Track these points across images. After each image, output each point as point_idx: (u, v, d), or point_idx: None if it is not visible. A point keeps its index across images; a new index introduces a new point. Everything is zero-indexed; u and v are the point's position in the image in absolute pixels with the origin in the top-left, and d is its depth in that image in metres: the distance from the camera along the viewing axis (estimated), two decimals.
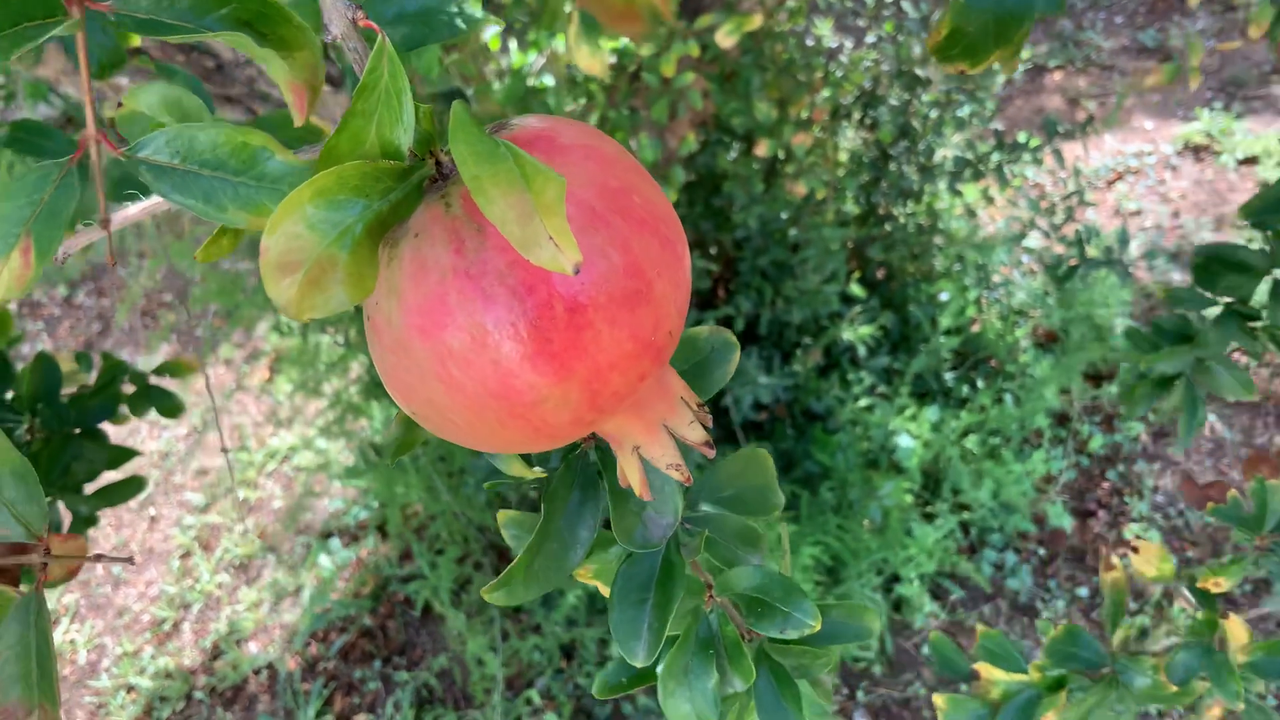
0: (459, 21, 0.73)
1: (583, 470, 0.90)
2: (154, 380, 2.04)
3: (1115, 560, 1.62)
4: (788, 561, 1.10)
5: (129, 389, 1.99)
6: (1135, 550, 1.59)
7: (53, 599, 4.59)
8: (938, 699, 1.59)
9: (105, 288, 6.10)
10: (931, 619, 3.98)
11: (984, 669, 1.60)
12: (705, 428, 0.77)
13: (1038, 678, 1.57)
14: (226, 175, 0.61)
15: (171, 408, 2.02)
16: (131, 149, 0.63)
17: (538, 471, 0.91)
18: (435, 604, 4.17)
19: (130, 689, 4.25)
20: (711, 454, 0.77)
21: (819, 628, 0.95)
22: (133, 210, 0.71)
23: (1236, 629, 1.51)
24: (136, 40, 1.04)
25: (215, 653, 4.33)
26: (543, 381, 0.62)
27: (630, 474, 0.76)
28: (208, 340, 5.62)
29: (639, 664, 0.90)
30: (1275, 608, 1.63)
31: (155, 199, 0.71)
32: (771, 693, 1.02)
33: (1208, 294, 1.77)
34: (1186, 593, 1.59)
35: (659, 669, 0.98)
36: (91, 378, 1.93)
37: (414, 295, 0.63)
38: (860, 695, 3.82)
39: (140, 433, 5.26)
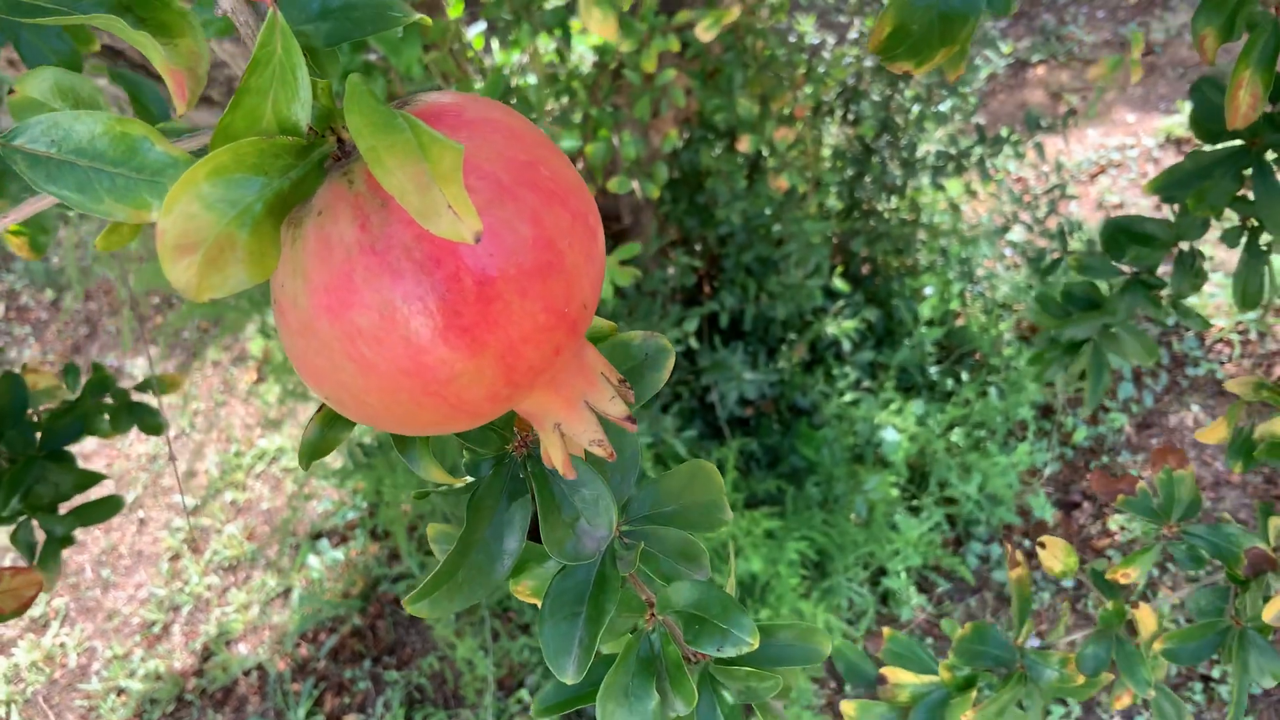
0: (391, 12, 0.71)
1: (512, 479, 0.88)
2: (136, 397, 2.03)
3: (1020, 557, 1.62)
4: (732, 580, 1.08)
5: (110, 404, 1.98)
6: (1043, 546, 1.60)
7: (42, 603, 4.59)
8: (846, 706, 1.57)
9: (93, 292, 6.08)
10: (919, 611, 4.00)
11: (891, 672, 1.59)
12: (627, 403, 0.76)
13: (947, 678, 1.56)
14: (104, 166, 0.59)
15: (153, 424, 2.01)
16: (7, 136, 0.61)
17: (457, 479, 0.89)
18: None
19: (120, 691, 4.25)
20: (633, 428, 0.76)
21: (756, 645, 0.92)
22: (19, 209, 0.69)
23: (1146, 618, 1.53)
24: (96, 45, 1.04)
25: (205, 654, 4.33)
26: (455, 356, 0.61)
27: (553, 452, 0.75)
28: (195, 343, 5.62)
29: (569, 681, 0.87)
30: (1185, 593, 1.65)
31: (30, 201, 0.68)
32: (714, 717, 1.00)
33: (1116, 264, 1.83)
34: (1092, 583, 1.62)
35: (599, 689, 0.95)
36: (77, 393, 1.92)
37: (320, 274, 0.62)
38: (848, 689, 3.83)
39: (129, 435, 5.26)
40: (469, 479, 0.90)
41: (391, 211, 0.60)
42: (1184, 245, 1.80)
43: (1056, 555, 1.58)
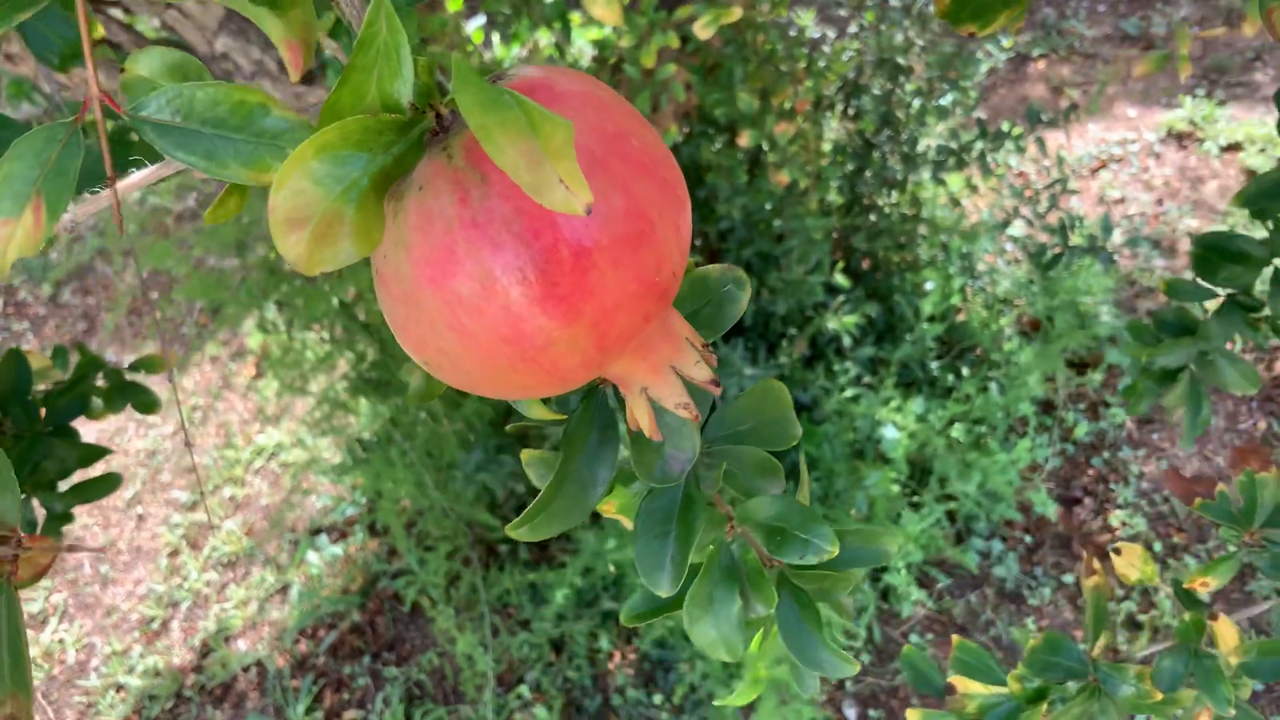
0: None
1: (601, 411, 0.92)
2: (130, 376, 2.04)
3: (1096, 564, 1.55)
4: (805, 490, 1.12)
5: (103, 385, 1.98)
6: (1118, 552, 1.55)
7: (41, 599, 4.58)
8: (912, 715, 1.55)
9: (91, 286, 6.07)
10: (919, 607, 3.99)
11: (960, 682, 1.56)
12: (711, 367, 0.78)
13: (1017, 689, 1.52)
14: (227, 132, 0.62)
15: (147, 403, 2.01)
16: (134, 108, 0.64)
17: (558, 414, 0.93)
18: (424, 600, 4.18)
19: (119, 688, 4.24)
20: (718, 391, 0.79)
21: (837, 553, 0.96)
22: (138, 176, 0.72)
23: (1226, 630, 1.47)
24: (100, 32, 1.03)
25: (204, 650, 4.32)
26: (552, 324, 0.64)
27: (639, 415, 0.78)
28: (194, 338, 5.61)
29: (664, 594, 0.92)
30: (1265, 607, 1.56)
31: (158, 166, 0.71)
32: (794, 616, 1.05)
33: (1208, 285, 1.71)
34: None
35: (685, 598, 1.00)
36: (67, 374, 1.92)
37: (422, 246, 0.64)
38: (848, 684, 3.83)
39: (127, 431, 5.25)
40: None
41: (491, 185, 0.62)
42: (1278, 262, 1.67)
43: (1133, 563, 1.53)
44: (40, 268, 6.12)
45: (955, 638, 1.61)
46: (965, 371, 4.24)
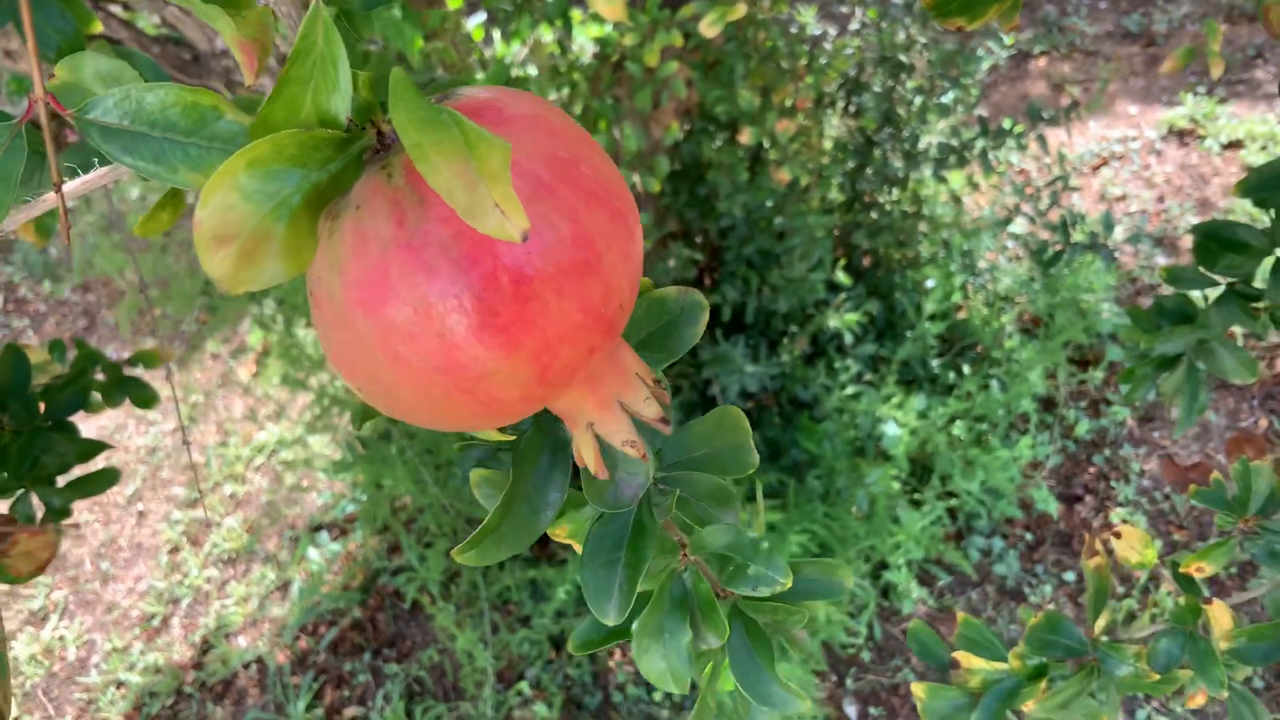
0: None
1: (552, 432, 0.90)
2: (128, 371, 2.03)
3: (1099, 545, 1.57)
4: (761, 520, 1.12)
5: (101, 380, 1.98)
6: (1118, 535, 1.56)
7: (41, 595, 4.58)
8: (916, 689, 1.56)
9: (91, 284, 6.07)
10: (920, 605, 3.99)
11: (964, 658, 1.57)
12: (662, 404, 0.76)
13: (1018, 666, 1.54)
14: (176, 136, 0.60)
15: (145, 397, 2.01)
16: (81, 110, 0.62)
17: (507, 435, 0.91)
18: (424, 597, 4.18)
19: (120, 684, 4.24)
20: (668, 430, 0.76)
21: (790, 585, 0.95)
22: (86, 179, 0.70)
23: (1220, 614, 1.47)
24: (98, 27, 1.02)
25: (205, 647, 4.32)
26: (490, 355, 0.61)
27: (585, 452, 0.76)
28: (194, 335, 5.60)
29: (610, 622, 0.90)
30: (1260, 592, 1.57)
31: (105, 169, 0.69)
32: (745, 649, 1.04)
33: (1208, 274, 1.71)
34: (1170, 577, 1.56)
35: (634, 627, 0.99)
36: (65, 368, 1.92)
37: (355, 269, 0.61)
38: (849, 682, 3.83)
39: (127, 428, 5.25)
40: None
41: (429, 208, 0.60)
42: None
43: (1134, 546, 1.53)
44: (41, 264, 6.11)
45: (961, 614, 1.63)
46: (966, 369, 4.24)
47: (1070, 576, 4.01)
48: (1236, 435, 1.55)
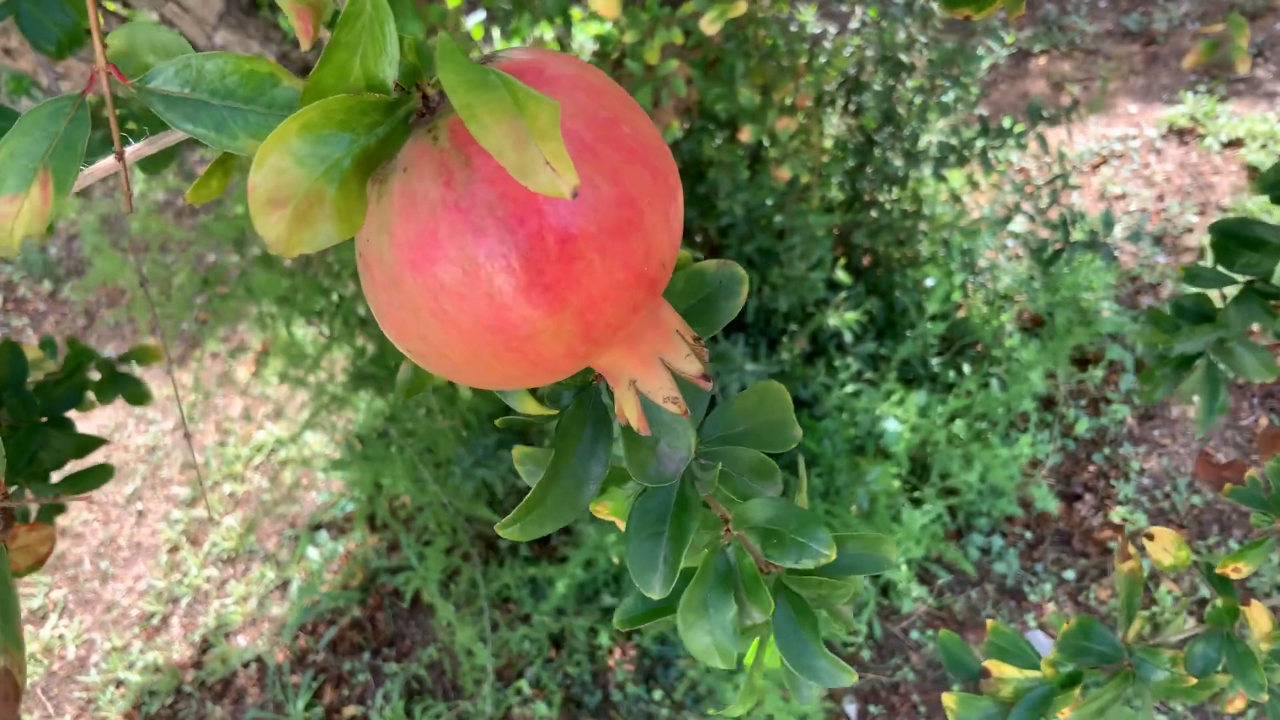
0: None
1: (595, 407, 0.91)
2: (122, 368, 2.03)
3: (1132, 550, 1.52)
4: (804, 494, 1.10)
5: (95, 378, 1.97)
6: (1150, 538, 1.50)
7: (41, 595, 4.58)
8: (948, 699, 1.53)
9: (91, 283, 6.06)
10: (919, 604, 3.99)
11: (995, 666, 1.55)
12: (702, 361, 0.77)
13: (1051, 674, 1.51)
14: (236, 103, 0.61)
15: (138, 394, 2.01)
16: (142, 80, 0.63)
17: (550, 410, 0.91)
18: (424, 595, 4.17)
19: (119, 684, 4.24)
20: (709, 386, 0.77)
21: (834, 557, 0.95)
22: (144, 144, 0.71)
23: (1259, 616, 1.44)
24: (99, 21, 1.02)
25: (204, 646, 4.32)
26: (537, 313, 0.62)
27: (627, 409, 0.77)
28: (194, 334, 5.60)
29: (655, 596, 0.91)
30: None
31: (162, 135, 0.70)
32: (790, 623, 1.03)
33: (1226, 272, 1.70)
34: (1204, 579, 1.51)
35: (679, 603, 0.98)
36: (57, 365, 1.92)
37: (404, 230, 0.63)
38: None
39: (127, 427, 5.24)
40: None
41: (475, 169, 0.61)
42: None
43: (1166, 548, 1.49)
44: (41, 264, 6.11)
45: (991, 622, 1.61)
46: (966, 368, 4.23)
47: (1070, 575, 4.01)
48: (1268, 431, 1.52)
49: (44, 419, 1.72)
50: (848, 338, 3.95)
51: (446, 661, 4.09)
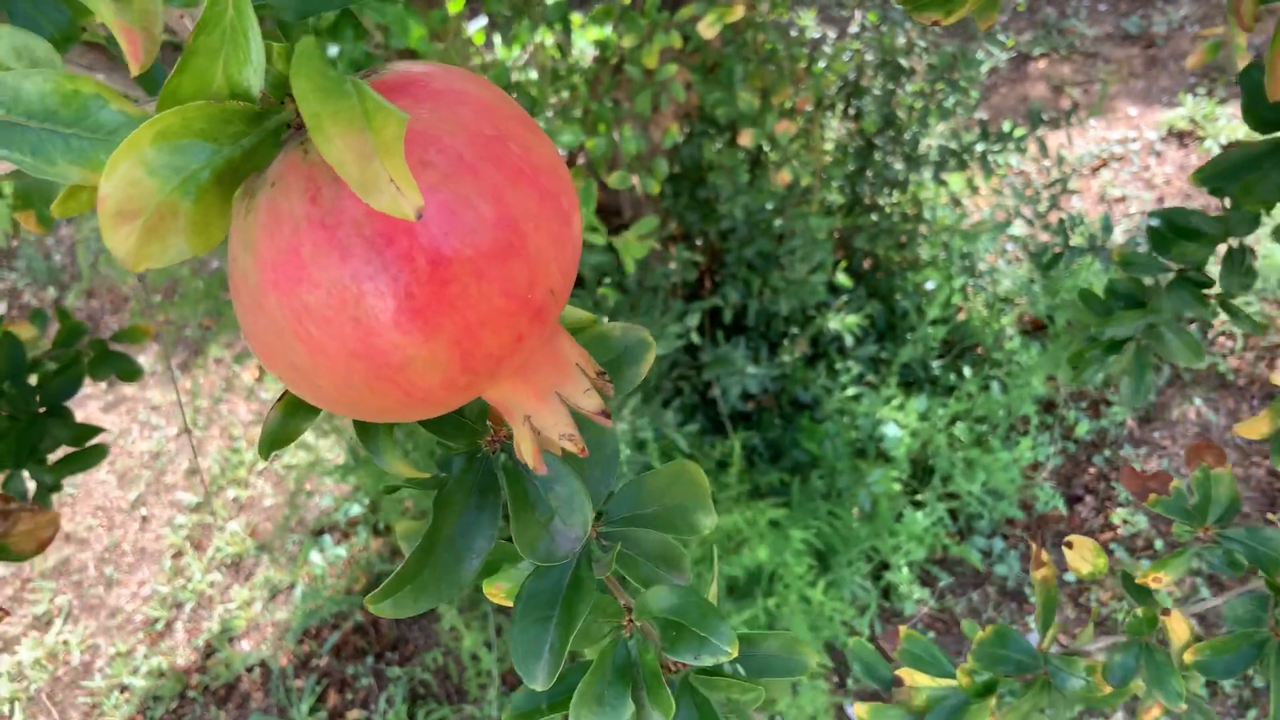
0: None
1: (483, 475, 0.84)
2: (113, 347, 2.05)
3: (1045, 556, 1.51)
4: (714, 587, 1.03)
5: (88, 356, 2.00)
6: (1069, 545, 1.48)
7: (45, 600, 4.59)
8: (858, 709, 1.50)
9: (95, 289, 6.09)
10: (921, 606, 3.99)
11: (907, 675, 1.51)
12: (605, 396, 0.73)
13: (966, 683, 1.47)
14: (57, 127, 0.56)
15: (129, 371, 2.01)
16: None
17: (423, 474, 0.85)
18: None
19: (124, 689, 4.25)
20: (608, 423, 0.73)
21: (734, 654, 0.88)
22: None
23: (1178, 626, 1.42)
24: (96, 17, 1.02)
25: (208, 651, 4.33)
26: (407, 340, 0.58)
27: (523, 445, 0.72)
28: (198, 340, 5.62)
29: (538, 687, 0.84)
30: (1216, 602, 1.54)
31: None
32: None
33: (1162, 259, 1.74)
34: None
35: (573, 696, 0.91)
36: (47, 340, 1.94)
37: (269, 249, 0.59)
38: (850, 683, 3.84)
39: (131, 433, 5.26)
40: (439, 474, 0.86)
41: (344, 184, 0.57)
42: (1233, 241, 1.69)
43: (1085, 556, 1.48)
44: (45, 270, 6.14)
45: (903, 629, 1.57)
46: (967, 371, 4.25)
47: (1071, 577, 4.02)
48: (1196, 443, 1.51)
49: (44, 409, 1.73)
50: (848, 341, 3.96)
51: (451, 665, 4.10)
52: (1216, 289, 1.75)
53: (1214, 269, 1.77)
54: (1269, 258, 4.61)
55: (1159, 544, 4.01)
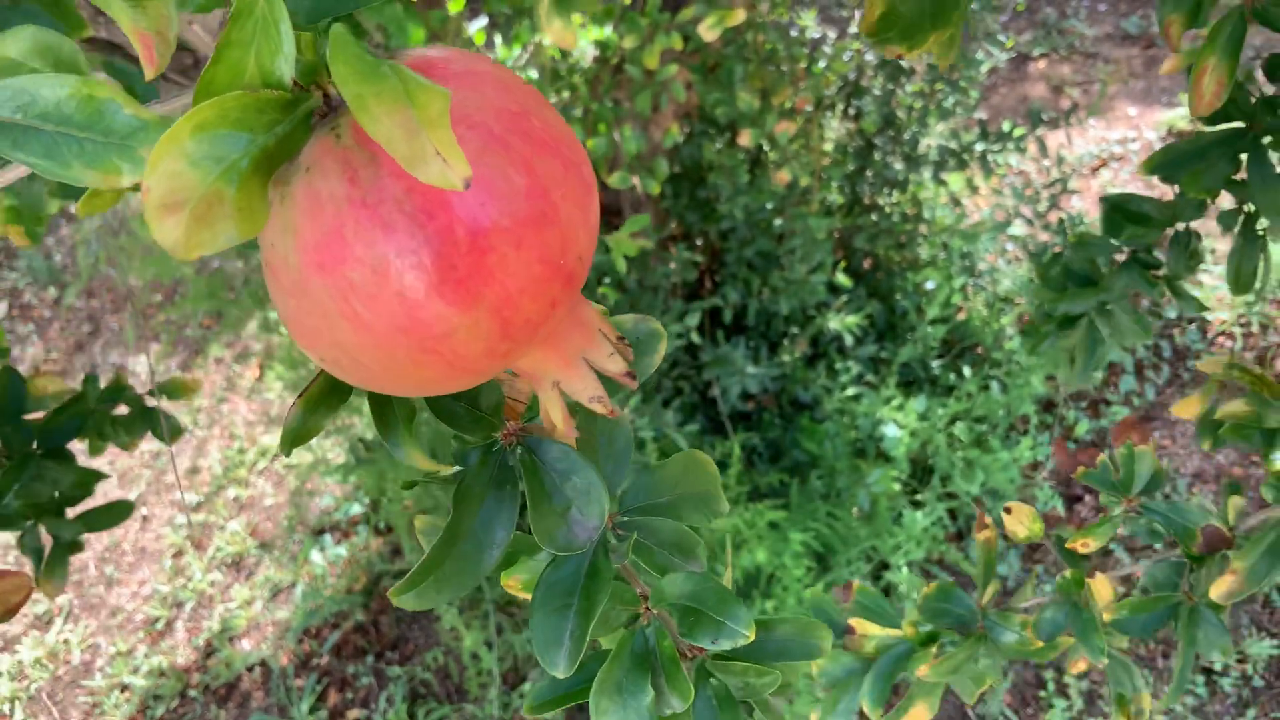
0: None
1: (500, 467, 0.86)
2: (150, 402, 1.97)
3: (988, 520, 1.64)
4: (730, 573, 1.05)
5: (124, 413, 1.92)
6: (1008, 511, 1.60)
7: (45, 600, 4.60)
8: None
9: (95, 289, 6.09)
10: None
11: (859, 624, 1.63)
12: (626, 360, 0.75)
13: (911, 633, 1.59)
14: (72, 130, 0.57)
15: (172, 429, 1.95)
16: None
17: (444, 467, 0.85)
18: None
19: (124, 688, 4.26)
20: (634, 384, 0.76)
21: (752, 638, 0.89)
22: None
23: (1101, 587, 1.55)
24: (87, 31, 1.02)
25: (208, 650, 4.34)
26: (451, 310, 0.60)
27: (552, 411, 0.74)
28: (198, 340, 5.62)
29: (560, 674, 0.84)
30: (1138, 568, 1.67)
31: (14, 166, 0.66)
32: (711, 714, 0.96)
33: (1114, 241, 1.85)
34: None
35: (593, 684, 0.92)
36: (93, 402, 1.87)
37: (310, 231, 0.60)
38: None
39: None
40: (456, 468, 0.87)
41: (381, 165, 0.59)
42: (1180, 226, 1.81)
43: (1021, 521, 1.59)
44: (46, 270, 6.14)
45: (855, 582, 1.69)
46: (967, 370, 4.25)
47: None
48: (1124, 421, 1.63)
49: (41, 451, 1.67)
50: (848, 341, 3.97)
51: (451, 665, 4.11)
52: (1164, 270, 1.86)
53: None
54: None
55: (1159, 544, 4.01)
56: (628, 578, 0.96)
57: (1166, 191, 5.20)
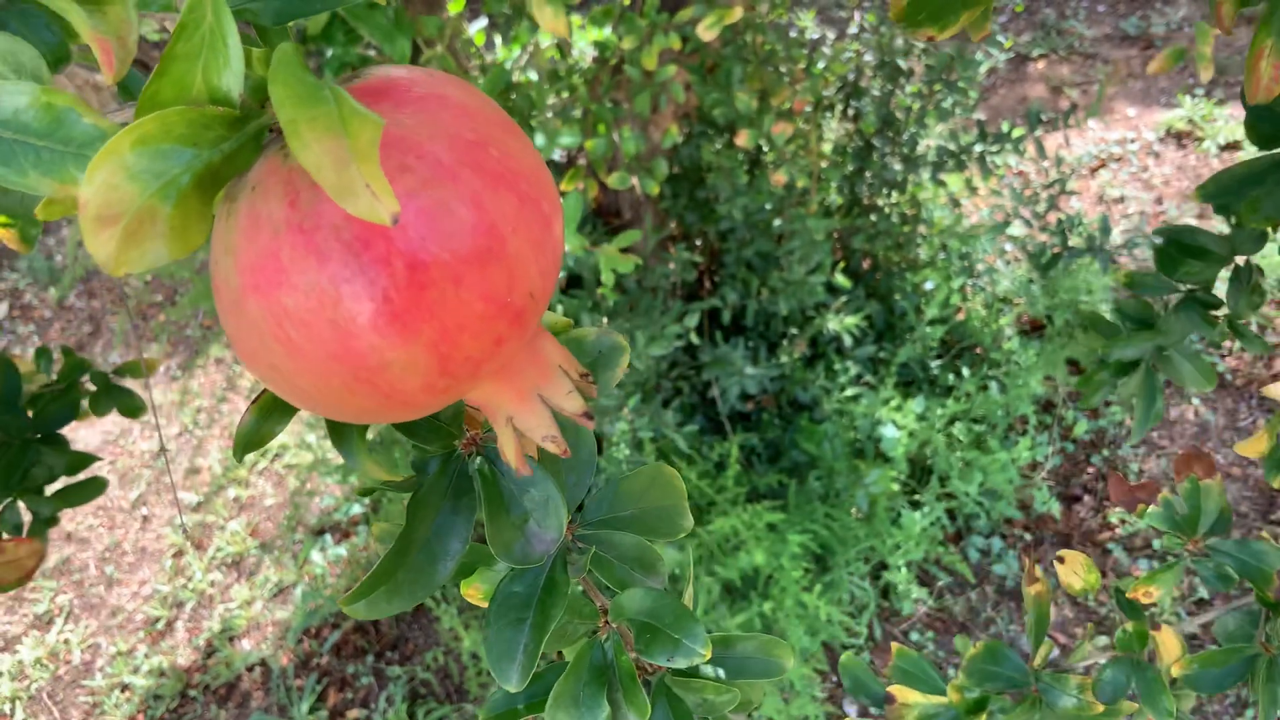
0: None
1: (458, 476, 0.85)
2: (115, 380, 2.04)
3: (1039, 572, 1.48)
4: (690, 590, 1.03)
5: (91, 389, 1.98)
6: (1061, 560, 1.47)
7: (46, 599, 4.60)
8: None
9: (96, 290, 6.10)
10: (919, 605, 4.01)
11: (899, 691, 1.50)
12: (588, 398, 0.73)
13: (956, 699, 1.45)
14: (29, 138, 0.56)
15: (132, 407, 2.00)
16: None
17: (396, 475, 0.85)
18: (428, 599, 4.19)
19: (125, 688, 4.26)
20: (590, 425, 0.73)
21: (708, 656, 0.89)
22: None
23: (1169, 641, 1.40)
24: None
25: (209, 650, 4.34)
26: (384, 343, 0.59)
27: (505, 446, 0.73)
28: (198, 340, 5.63)
29: (512, 688, 0.84)
30: (1210, 618, 1.52)
31: None
32: None
33: (1169, 280, 1.69)
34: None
35: (549, 698, 0.92)
36: (51, 376, 1.93)
37: (248, 252, 0.59)
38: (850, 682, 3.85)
39: (132, 433, 5.27)
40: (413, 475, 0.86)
41: (322, 189, 0.56)
42: (1240, 260, 1.64)
43: (1076, 571, 1.46)
44: (46, 270, 6.15)
45: (896, 646, 1.57)
46: (966, 371, 4.26)
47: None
48: (1185, 453, 1.48)
49: (37, 436, 1.70)
50: (847, 341, 3.97)
51: (451, 664, 4.11)
52: (1224, 310, 1.70)
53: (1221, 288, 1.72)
54: (1266, 258, 4.62)
55: (1157, 544, 4.02)
56: (588, 591, 0.95)
57: (1166, 194, 5.20)
